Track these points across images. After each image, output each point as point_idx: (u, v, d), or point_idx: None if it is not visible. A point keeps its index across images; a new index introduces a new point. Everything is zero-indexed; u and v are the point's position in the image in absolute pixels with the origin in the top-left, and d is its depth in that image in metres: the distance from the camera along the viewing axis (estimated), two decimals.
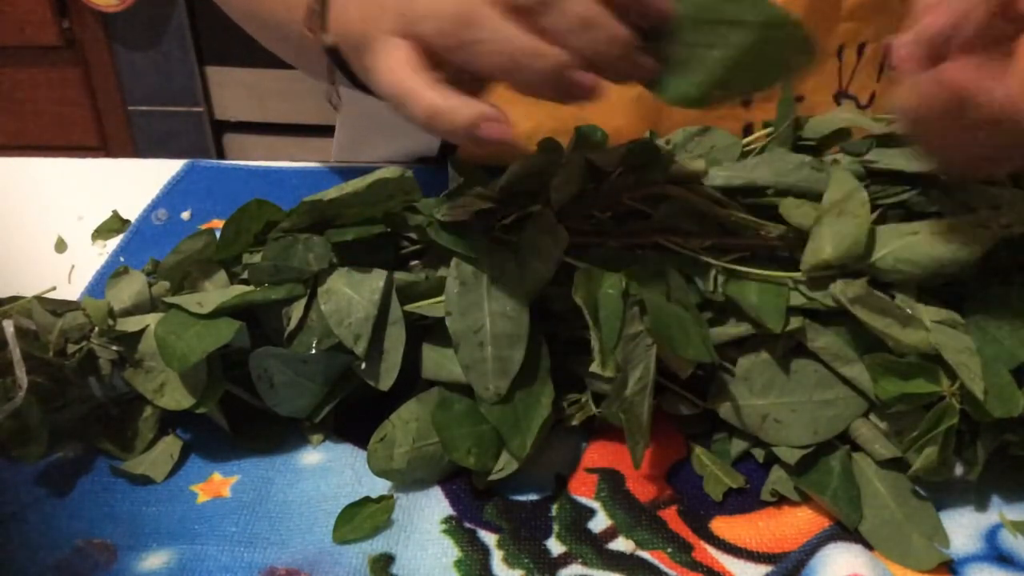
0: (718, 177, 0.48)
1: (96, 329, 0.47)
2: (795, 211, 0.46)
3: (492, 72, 0.40)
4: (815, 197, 0.46)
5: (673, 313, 0.43)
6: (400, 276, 0.47)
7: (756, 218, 0.47)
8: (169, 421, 0.49)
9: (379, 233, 0.48)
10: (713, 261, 0.46)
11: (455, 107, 0.39)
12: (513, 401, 0.44)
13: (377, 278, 0.46)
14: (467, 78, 0.41)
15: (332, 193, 0.47)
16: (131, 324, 0.47)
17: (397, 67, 0.41)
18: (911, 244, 0.43)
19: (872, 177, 0.47)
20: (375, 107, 0.77)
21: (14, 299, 0.48)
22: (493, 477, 0.44)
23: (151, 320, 0.47)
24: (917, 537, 0.42)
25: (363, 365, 0.46)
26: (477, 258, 0.45)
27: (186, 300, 0.47)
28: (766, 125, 0.55)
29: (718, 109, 0.66)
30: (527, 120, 0.66)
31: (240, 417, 0.48)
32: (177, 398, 0.46)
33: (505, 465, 0.44)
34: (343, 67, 0.50)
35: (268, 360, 0.46)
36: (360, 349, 0.45)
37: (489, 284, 0.45)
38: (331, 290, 0.46)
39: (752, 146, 0.53)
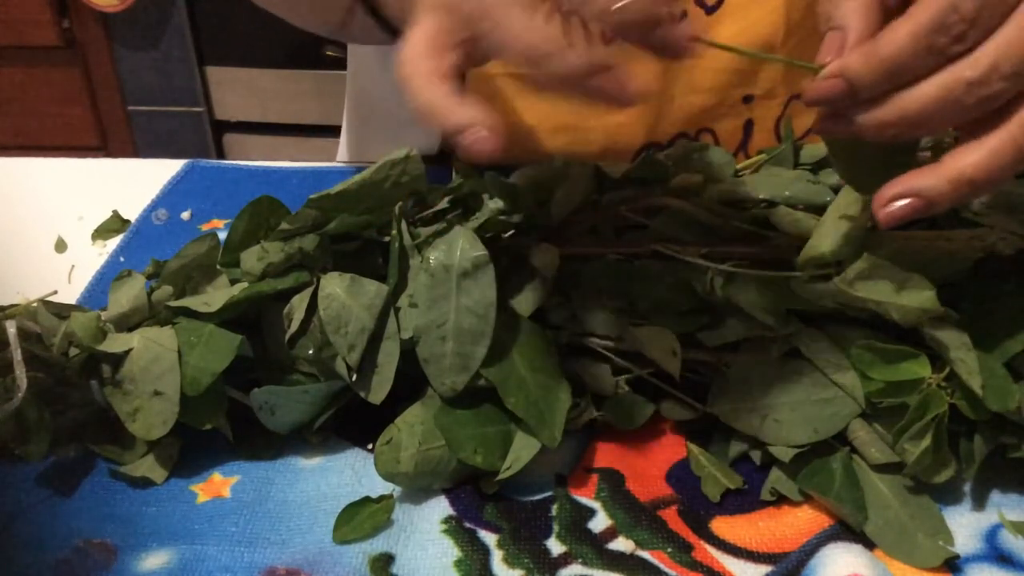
0: (716, 191, 0.49)
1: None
2: (786, 218, 0.46)
3: (517, 63, 0.39)
4: (812, 210, 0.47)
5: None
6: None
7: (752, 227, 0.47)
8: None
9: (375, 241, 0.48)
10: (711, 265, 0.46)
11: (449, 108, 0.38)
12: (535, 397, 0.44)
13: (375, 290, 0.46)
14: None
15: (340, 187, 0.46)
16: (116, 344, 0.46)
17: (412, 46, 0.40)
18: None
19: None
20: (378, 104, 0.77)
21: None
22: (500, 477, 0.44)
23: (136, 340, 0.46)
24: (922, 536, 0.42)
25: (354, 377, 0.46)
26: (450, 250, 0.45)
27: (193, 302, 0.47)
28: (760, 152, 0.55)
29: (719, 106, 0.67)
30: (528, 115, 0.66)
31: (240, 422, 0.48)
32: (147, 426, 0.45)
33: (512, 464, 0.44)
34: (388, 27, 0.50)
35: (269, 396, 0.46)
36: (353, 359, 0.45)
37: (460, 278, 0.44)
38: (331, 295, 0.46)
39: (746, 170, 0.53)
